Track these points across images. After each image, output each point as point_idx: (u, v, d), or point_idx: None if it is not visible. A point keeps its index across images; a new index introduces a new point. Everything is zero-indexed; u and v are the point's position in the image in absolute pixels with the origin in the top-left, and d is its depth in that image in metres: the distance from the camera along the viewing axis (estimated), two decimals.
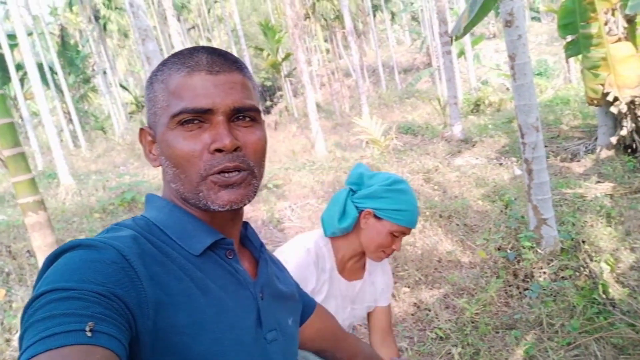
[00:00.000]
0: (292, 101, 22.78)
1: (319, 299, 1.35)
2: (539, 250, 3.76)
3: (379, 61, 24.68)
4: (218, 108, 0.67)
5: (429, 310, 3.47)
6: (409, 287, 3.90)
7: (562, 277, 3.48)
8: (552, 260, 3.67)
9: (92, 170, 12.99)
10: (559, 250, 3.77)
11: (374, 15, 30.74)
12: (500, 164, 7.34)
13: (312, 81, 21.70)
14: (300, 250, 1.36)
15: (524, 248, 3.80)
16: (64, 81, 20.52)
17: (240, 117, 0.70)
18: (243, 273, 0.74)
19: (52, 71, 21.54)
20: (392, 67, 26.44)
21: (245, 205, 0.71)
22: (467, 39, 17.30)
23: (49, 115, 10.34)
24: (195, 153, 0.67)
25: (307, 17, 20.51)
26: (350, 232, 1.41)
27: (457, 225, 4.97)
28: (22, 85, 16.58)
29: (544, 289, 3.38)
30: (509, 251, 3.96)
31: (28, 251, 5.35)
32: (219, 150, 0.67)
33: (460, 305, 3.41)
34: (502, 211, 4.95)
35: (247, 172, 0.69)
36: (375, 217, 1.36)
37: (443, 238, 4.73)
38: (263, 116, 0.76)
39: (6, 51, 13.14)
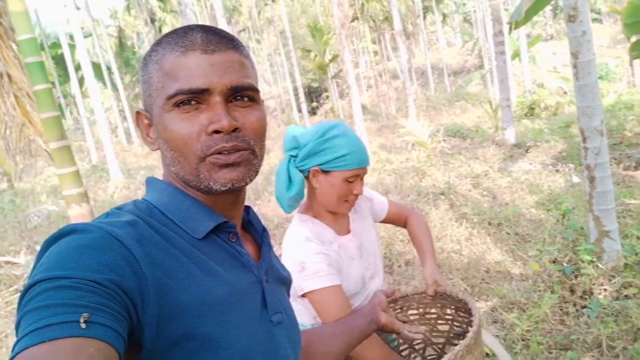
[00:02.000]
0: (337, 102, 22.72)
1: (343, 268, 1.37)
2: (600, 265, 3.45)
3: (428, 63, 24.18)
4: (215, 88, 0.65)
5: None
6: None
7: (626, 296, 3.18)
8: (614, 276, 3.36)
9: (142, 166, 13.40)
10: (622, 266, 3.45)
11: (424, 17, 30.19)
12: (557, 171, 6.90)
13: (358, 83, 21.56)
14: (303, 243, 1.34)
15: (582, 262, 3.49)
16: (120, 81, 21.41)
17: (238, 97, 0.68)
18: (246, 256, 0.73)
19: (109, 71, 22.54)
20: (441, 69, 25.86)
21: (246, 184, 0.69)
22: (522, 39, 16.61)
23: (103, 112, 10.76)
24: (192, 135, 0.65)
25: (355, 18, 20.36)
26: (313, 198, 1.40)
27: (508, 234, 4.67)
28: (80, 84, 17.38)
29: (605, 308, 3.09)
30: (565, 264, 3.66)
31: None
32: (216, 132, 0.65)
33: (510, 321, 3.16)
34: (558, 221, 4.61)
35: (248, 151, 0.67)
36: (323, 172, 1.34)
37: (492, 247, 4.45)
38: (261, 96, 0.73)
39: (66, 51, 13.81)
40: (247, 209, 0.81)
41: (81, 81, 18.46)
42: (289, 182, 1.40)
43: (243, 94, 0.68)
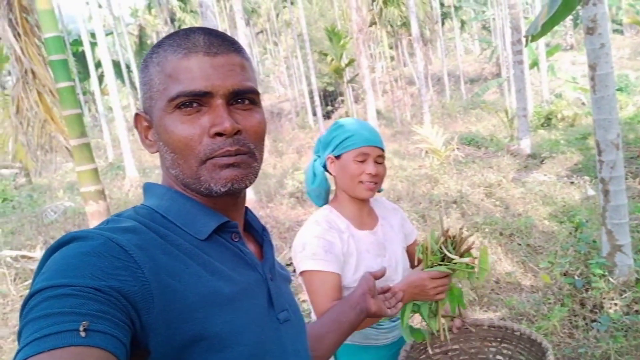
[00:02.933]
0: (352, 107, 22.72)
1: (352, 259, 1.40)
2: (611, 280, 3.42)
3: (445, 70, 24.07)
4: (217, 91, 0.65)
5: None
6: None
7: (636, 311, 3.16)
8: (625, 291, 3.34)
9: (157, 165, 13.55)
10: (634, 281, 3.42)
11: (443, 23, 30.07)
12: (572, 183, 6.84)
13: (374, 88, 21.53)
14: (311, 226, 1.42)
15: (594, 275, 3.47)
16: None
17: (240, 100, 0.68)
18: (250, 255, 0.73)
19: (129, 69, 22.83)
20: (458, 76, 25.71)
21: (246, 186, 0.69)
22: (541, 49, 16.45)
23: (120, 110, 10.90)
24: (194, 137, 0.65)
25: (373, 23, 20.38)
26: (337, 188, 1.50)
27: (519, 245, 4.65)
28: (100, 81, 17.66)
29: (614, 322, 3.06)
30: (576, 277, 3.64)
31: None
32: (219, 135, 0.65)
33: None
34: (571, 233, 4.58)
35: (248, 154, 0.68)
36: (336, 158, 1.44)
37: (502, 257, 4.43)
38: (261, 98, 0.74)
39: (87, 49, 14.04)
40: (245, 210, 0.80)
41: (101, 79, 18.74)
42: (313, 177, 1.52)
43: (244, 97, 0.68)
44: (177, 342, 0.57)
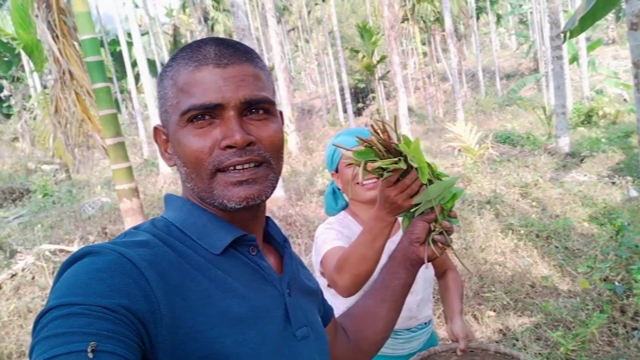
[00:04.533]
0: (384, 104, 22.54)
1: None
2: None
3: (479, 65, 23.55)
4: (228, 102, 0.64)
5: (517, 340, 3.14)
6: (494, 310, 3.57)
7: None
8: None
9: None
10: None
11: (478, 18, 29.40)
12: (613, 183, 6.56)
13: (406, 84, 21.28)
14: (323, 229, 1.46)
15: (635, 282, 3.31)
16: None
17: (253, 110, 0.67)
18: (268, 269, 0.71)
19: None
20: (493, 72, 25.13)
21: (263, 201, 0.68)
22: (582, 43, 15.87)
23: (155, 108, 11.16)
24: (204, 150, 0.64)
25: (405, 19, 20.12)
26: (349, 200, 1.55)
27: (557, 247, 4.48)
28: (136, 80, 18.12)
29: None
30: (617, 283, 3.48)
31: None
32: (230, 147, 0.64)
33: (554, 339, 3.04)
34: (612, 237, 4.38)
35: (264, 164, 0.67)
36: (336, 172, 1.51)
37: (539, 261, 4.29)
38: (276, 108, 0.72)
39: (124, 49, 14.42)
40: (267, 219, 0.79)
41: (137, 77, 19.22)
42: (333, 200, 1.60)
43: (258, 107, 0.67)
44: None
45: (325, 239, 1.40)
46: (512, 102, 18.70)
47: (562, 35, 6.73)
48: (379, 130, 0.88)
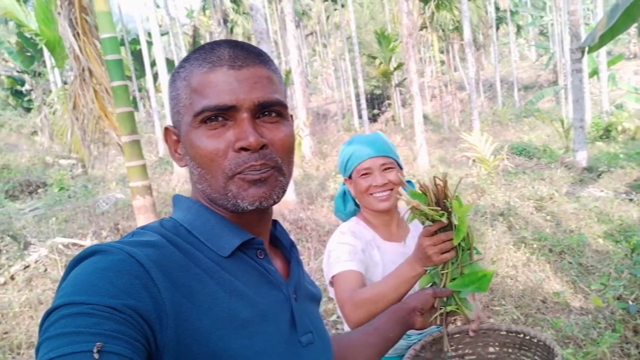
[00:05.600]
0: (399, 111, 22.49)
1: (378, 269, 1.41)
2: None
3: (497, 76, 23.37)
4: (242, 104, 0.64)
5: None
6: None
7: None
8: None
9: None
10: None
11: (497, 28, 29.21)
12: (630, 200, 6.43)
13: (422, 92, 21.20)
14: (336, 236, 1.47)
15: None
16: None
17: (266, 113, 0.67)
18: (275, 273, 0.71)
19: None
20: (511, 82, 24.91)
21: (274, 203, 0.68)
22: (602, 57, 15.66)
23: None
24: (219, 152, 0.64)
25: (423, 27, 20.08)
26: (361, 206, 1.52)
27: (570, 263, 4.41)
28: (155, 79, 18.33)
29: None
30: (630, 302, 3.41)
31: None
32: (244, 149, 0.64)
33: (565, 356, 2.97)
34: (627, 255, 4.30)
35: (275, 169, 0.67)
36: (349, 178, 1.49)
37: (551, 276, 4.22)
38: (289, 111, 0.72)
39: (144, 48, 14.60)
40: (274, 223, 0.79)
41: (155, 76, 19.44)
42: (342, 203, 1.60)
43: (271, 110, 0.67)
44: None
45: (339, 257, 1.37)
46: (529, 114, 18.51)
47: (581, 50, 6.64)
48: (439, 184, 0.98)
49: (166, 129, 0.72)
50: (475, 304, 1.44)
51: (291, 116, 0.73)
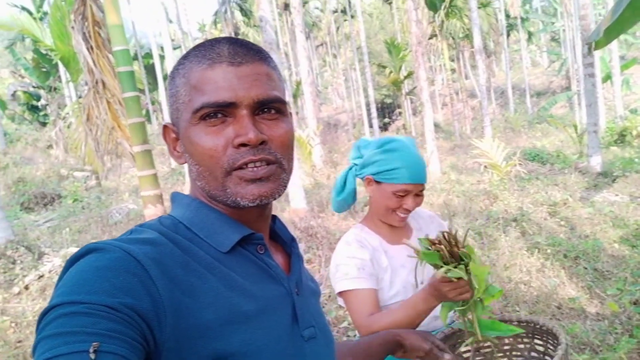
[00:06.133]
0: (410, 119, 22.44)
1: (387, 275, 1.39)
2: None
3: (509, 82, 23.23)
4: (241, 101, 0.64)
5: None
6: None
7: None
8: None
9: None
10: None
11: (508, 35, 29.11)
12: None
13: (433, 100, 21.17)
14: (343, 247, 1.42)
15: None
16: None
17: (265, 110, 0.67)
18: (276, 268, 0.70)
19: None
20: (523, 89, 24.74)
21: (274, 199, 0.67)
22: (615, 62, 15.49)
23: None
24: (218, 148, 0.64)
25: (433, 35, 20.09)
26: (370, 206, 1.45)
27: (585, 268, 4.33)
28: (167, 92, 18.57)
29: None
30: None
31: None
32: (243, 145, 0.64)
33: None
34: None
35: (276, 164, 0.66)
36: (376, 182, 1.39)
37: (566, 281, 4.15)
38: (288, 108, 0.72)
39: (156, 61, 14.83)
40: (274, 218, 0.79)
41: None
42: (342, 187, 1.48)
43: (270, 107, 0.67)
44: None
45: (347, 273, 1.35)
46: (542, 120, 18.33)
47: (587, 46, 6.54)
48: (450, 240, 1.03)
49: (165, 127, 0.72)
50: None
51: (290, 113, 0.73)
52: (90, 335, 0.47)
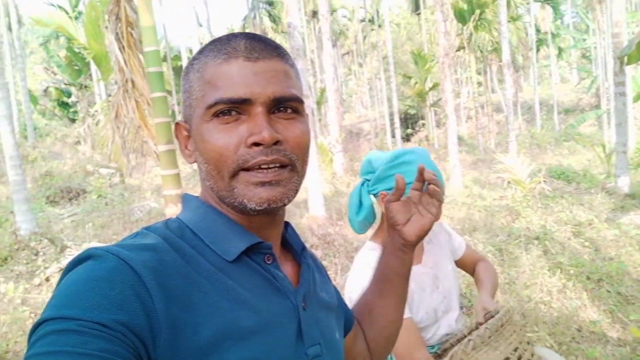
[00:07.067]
0: (433, 131, 22.28)
1: (415, 299, 1.34)
2: None
3: (536, 98, 22.88)
4: (257, 98, 0.61)
5: None
6: None
7: None
8: None
9: None
10: None
11: (538, 50, 28.71)
12: None
13: (458, 113, 20.98)
14: (357, 277, 1.32)
15: None
16: None
17: (282, 108, 0.64)
18: (282, 280, 0.67)
19: None
20: (551, 105, 24.32)
21: (285, 205, 0.63)
22: None
23: None
24: (229, 147, 0.61)
25: (461, 47, 19.95)
26: (383, 223, 1.36)
27: (608, 292, 4.21)
28: None
29: None
30: None
31: None
32: (256, 144, 0.60)
33: None
34: None
35: (289, 167, 0.63)
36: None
37: (588, 304, 4.04)
38: (306, 107, 0.68)
39: (184, 63, 15.07)
40: (286, 225, 0.75)
41: None
42: (359, 206, 1.40)
43: (287, 105, 0.64)
44: None
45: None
46: (569, 138, 17.98)
47: (619, 61, 6.39)
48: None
49: (177, 124, 0.70)
50: (480, 295, 1.42)
51: (307, 114, 0.70)
52: (80, 355, 0.46)
